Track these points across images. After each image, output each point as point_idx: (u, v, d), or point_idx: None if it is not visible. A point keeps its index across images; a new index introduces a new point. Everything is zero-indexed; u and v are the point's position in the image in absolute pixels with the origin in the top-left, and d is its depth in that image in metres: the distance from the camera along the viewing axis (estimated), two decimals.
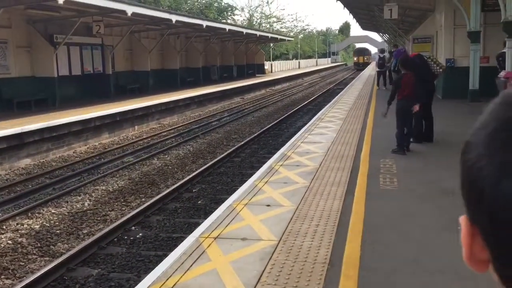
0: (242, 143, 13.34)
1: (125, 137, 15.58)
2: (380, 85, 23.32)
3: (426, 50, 18.99)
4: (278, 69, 55.35)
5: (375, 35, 73.53)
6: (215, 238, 4.63)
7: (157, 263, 4.51)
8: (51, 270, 5.54)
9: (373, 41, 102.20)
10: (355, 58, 67.04)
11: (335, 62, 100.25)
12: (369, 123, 11.85)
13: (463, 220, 0.52)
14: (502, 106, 0.48)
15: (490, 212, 0.45)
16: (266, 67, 47.58)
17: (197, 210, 7.97)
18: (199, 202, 8.41)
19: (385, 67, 22.43)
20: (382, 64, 23.38)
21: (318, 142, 9.55)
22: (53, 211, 8.01)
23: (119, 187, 9.47)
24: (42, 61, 17.14)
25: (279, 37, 45.48)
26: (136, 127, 16.89)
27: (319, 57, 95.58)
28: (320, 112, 15.01)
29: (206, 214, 6.89)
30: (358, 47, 73.86)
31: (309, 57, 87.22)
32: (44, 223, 7.47)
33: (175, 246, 4.84)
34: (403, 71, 8.41)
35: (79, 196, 8.85)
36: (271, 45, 54.69)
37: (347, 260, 4.04)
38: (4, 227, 7.31)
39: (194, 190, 9.14)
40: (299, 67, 66.44)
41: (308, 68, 63.51)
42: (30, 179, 10.09)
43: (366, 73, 42.28)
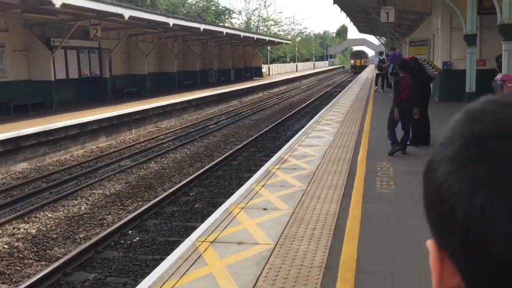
0: (240, 146, 13.33)
1: (122, 141, 15.55)
2: (378, 88, 23.38)
3: (423, 53, 19.06)
4: (276, 72, 55.42)
5: (372, 38, 73.54)
6: (212, 242, 4.62)
7: (154, 267, 4.50)
8: (48, 275, 5.52)
9: (371, 44, 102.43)
10: (352, 61, 66.82)
11: (333, 65, 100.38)
12: (366, 126, 11.86)
13: (431, 245, 0.49)
14: (466, 121, 0.46)
15: (462, 232, 0.43)
16: (264, 70, 47.62)
17: (194, 214, 7.96)
18: (196, 206, 8.40)
19: (384, 70, 22.50)
20: (381, 67, 23.44)
21: (315, 145, 9.56)
22: (50, 215, 7.99)
23: (116, 191, 9.45)
24: (39, 65, 17.12)
25: (277, 40, 45.55)
26: (134, 131, 16.87)
27: (317, 60, 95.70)
28: (318, 115, 15.02)
29: (203, 218, 6.88)
30: (355, 50, 73.97)
31: (307, 60, 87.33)
32: (41, 227, 7.45)
33: (172, 250, 4.83)
34: (401, 74, 8.44)
35: (76, 200, 8.83)
36: (269, 48, 54.77)
37: (344, 264, 4.04)
38: (1, 232, 7.28)
39: (191, 194, 9.12)
40: (297, 70, 66.46)
41: (306, 71, 63.59)
42: (27, 183, 10.06)
43: (363, 76, 42.36)
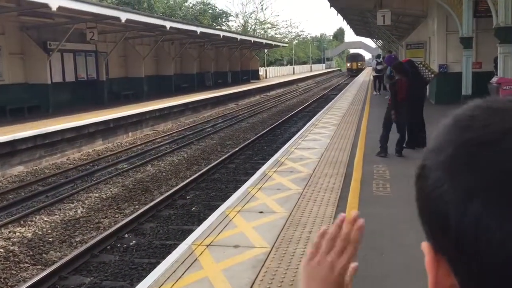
0: (236, 149, 13.33)
1: (119, 144, 15.53)
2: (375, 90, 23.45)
3: (420, 56, 19.12)
4: (273, 75, 55.48)
5: (369, 41, 73.72)
6: (208, 246, 4.62)
7: (150, 271, 4.50)
8: (43, 279, 5.51)
9: (367, 47, 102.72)
10: (349, 64, 65.76)
11: (330, 68, 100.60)
12: (363, 129, 11.88)
13: (426, 247, 0.50)
14: (455, 128, 0.47)
15: (456, 239, 0.43)
16: (261, 73, 47.68)
17: (191, 217, 7.95)
18: (193, 209, 8.39)
19: (382, 72, 22.57)
20: (379, 69, 23.51)
21: (312, 148, 9.57)
22: (46, 219, 7.97)
23: (113, 194, 9.44)
24: (36, 68, 17.10)
25: (274, 43, 45.63)
26: (130, 134, 16.85)
27: (314, 63, 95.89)
28: (314, 118, 15.04)
29: (200, 221, 6.87)
30: (352, 53, 73.49)
31: (304, 63, 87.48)
32: (37, 231, 7.43)
33: (169, 254, 4.83)
34: (397, 77, 8.49)
35: (72, 204, 8.81)
36: (266, 51, 54.81)
37: None
38: None
39: (188, 197, 9.12)
40: (294, 73, 66.56)
41: (303, 74, 63.66)
42: (23, 187, 10.04)
43: (360, 79, 42.44)
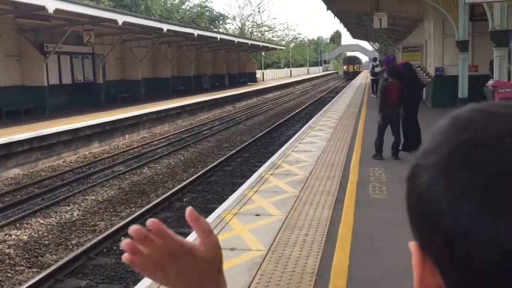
0: (233, 152, 13.33)
1: (116, 146, 15.50)
2: (370, 93, 23.51)
3: (416, 59, 19.18)
4: (270, 78, 55.55)
5: (366, 44, 73.87)
6: None
7: None
8: (39, 282, 5.48)
9: (364, 50, 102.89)
10: (345, 67, 65.07)
11: (327, 71, 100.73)
12: (359, 132, 11.90)
13: (413, 247, 0.50)
14: (454, 129, 0.46)
15: (448, 239, 0.43)
16: (258, 76, 47.74)
17: None
18: None
19: (378, 75, 22.62)
20: (376, 72, 23.56)
21: (309, 151, 9.57)
22: (42, 222, 7.94)
23: (109, 197, 9.41)
24: (32, 70, 17.07)
25: (271, 46, 45.73)
26: (127, 136, 16.83)
27: (311, 66, 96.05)
28: (311, 121, 15.06)
29: None
30: (348, 56, 73.00)
31: (301, 66, 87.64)
32: (33, 234, 7.40)
33: None
34: (390, 79, 8.51)
35: (68, 206, 8.78)
36: (263, 54, 54.91)
37: (336, 270, 4.04)
38: None
39: (185, 200, 9.10)
40: (291, 76, 66.63)
41: (300, 77, 63.74)
42: (19, 189, 10.00)
43: (357, 82, 42.53)
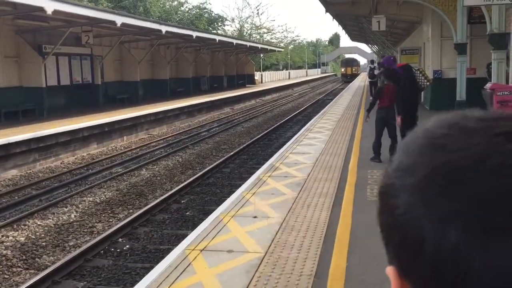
0: (231, 154, 13.32)
1: (114, 148, 15.49)
2: (369, 96, 23.57)
3: (414, 62, 19.21)
4: (268, 80, 55.56)
5: (365, 47, 73.97)
6: (201, 251, 4.61)
7: (144, 276, 4.48)
8: (36, 283, 5.47)
9: (363, 52, 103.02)
10: (343, 69, 64.06)
11: (325, 73, 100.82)
12: (358, 134, 11.91)
13: (391, 272, 0.47)
14: (430, 148, 0.43)
15: (432, 267, 0.41)
16: (256, 78, 47.75)
17: (185, 222, 7.93)
18: (188, 213, 8.37)
19: (376, 77, 22.67)
20: (373, 75, 23.62)
21: (307, 153, 9.58)
22: (39, 223, 7.92)
23: (107, 198, 9.40)
24: (31, 71, 17.05)
25: (269, 48, 45.70)
26: (125, 138, 16.81)
27: (309, 68, 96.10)
28: (309, 123, 15.07)
29: (194, 226, 6.85)
30: (346, 58, 72.41)
31: (299, 68, 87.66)
32: (30, 235, 7.39)
33: (163, 258, 4.81)
34: (386, 82, 8.53)
35: (66, 208, 8.77)
36: (261, 56, 54.92)
37: (333, 272, 4.04)
38: None
39: (183, 201, 9.10)
40: (289, 78, 66.62)
41: (298, 79, 63.73)
42: (16, 190, 9.98)
43: (356, 84, 42.57)
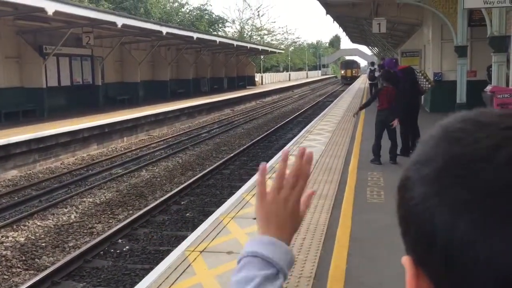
0: (232, 155, 13.33)
1: (114, 149, 15.49)
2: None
3: (415, 64, 19.20)
4: (269, 81, 55.59)
5: (365, 48, 73.94)
6: (201, 252, 4.61)
7: (144, 277, 4.47)
8: (36, 284, 5.47)
9: (363, 54, 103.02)
10: (343, 71, 63.14)
11: (326, 75, 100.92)
12: (358, 136, 11.91)
13: (407, 262, 0.49)
14: (445, 141, 0.45)
15: (444, 255, 0.42)
16: (257, 79, 47.77)
17: (185, 223, 7.93)
18: (187, 215, 8.37)
19: (376, 79, 22.68)
20: (373, 77, 23.62)
21: None
22: (39, 224, 7.92)
23: (107, 199, 9.40)
24: (31, 72, 17.06)
25: (270, 49, 45.77)
26: (125, 139, 16.82)
27: (310, 70, 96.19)
28: (310, 125, 15.07)
29: (194, 227, 6.85)
30: (346, 60, 71.48)
31: (300, 70, 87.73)
32: (30, 236, 7.39)
33: (162, 260, 4.81)
34: (385, 84, 8.54)
35: (66, 208, 8.77)
36: (262, 57, 54.94)
37: (333, 274, 4.04)
38: None
39: (183, 203, 9.10)
40: (290, 79, 66.67)
41: (299, 81, 63.75)
42: (16, 191, 9.98)
43: (356, 86, 42.57)
